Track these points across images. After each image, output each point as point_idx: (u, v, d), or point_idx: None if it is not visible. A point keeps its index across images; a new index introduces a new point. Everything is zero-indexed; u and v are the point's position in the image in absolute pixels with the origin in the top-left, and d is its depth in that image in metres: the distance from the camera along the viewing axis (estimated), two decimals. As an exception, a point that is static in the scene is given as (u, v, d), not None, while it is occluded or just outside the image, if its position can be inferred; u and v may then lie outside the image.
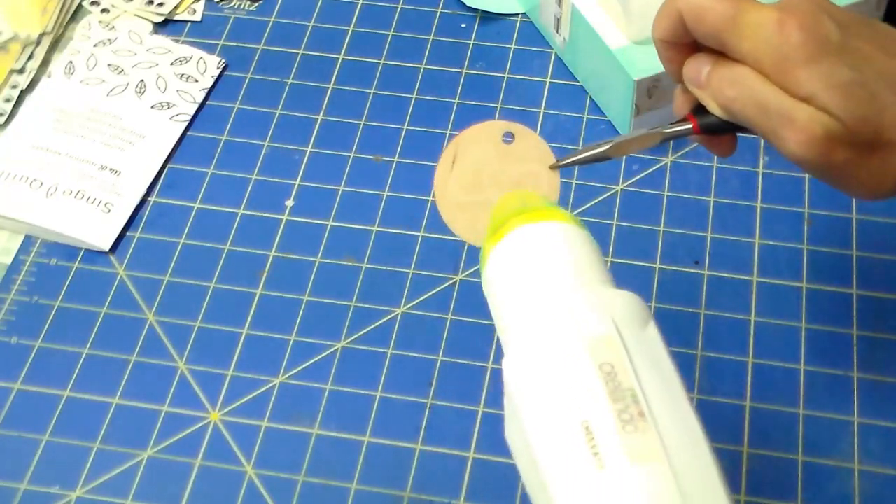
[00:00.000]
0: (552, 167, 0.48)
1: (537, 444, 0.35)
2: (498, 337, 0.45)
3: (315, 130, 0.70)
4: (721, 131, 0.46)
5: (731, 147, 0.48)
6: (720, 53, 0.44)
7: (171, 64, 0.73)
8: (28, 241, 0.66)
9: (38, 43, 0.75)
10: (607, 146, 0.47)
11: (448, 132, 0.69)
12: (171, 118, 0.70)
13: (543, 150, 0.48)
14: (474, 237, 0.47)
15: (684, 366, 0.59)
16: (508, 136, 0.48)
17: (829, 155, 0.42)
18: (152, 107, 0.71)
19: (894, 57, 0.43)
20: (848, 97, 0.41)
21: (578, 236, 0.41)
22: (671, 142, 0.48)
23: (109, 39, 0.74)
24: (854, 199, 0.65)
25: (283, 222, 0.66)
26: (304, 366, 0.60)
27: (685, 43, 0.45)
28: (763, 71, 0.42)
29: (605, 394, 0.34)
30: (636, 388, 0.34)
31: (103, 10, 0.76)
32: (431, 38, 0.74)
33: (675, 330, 0.60)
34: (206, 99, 0.72)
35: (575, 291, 0.39)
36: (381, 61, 0.73)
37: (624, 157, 0.67)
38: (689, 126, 0.46)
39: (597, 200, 0.66)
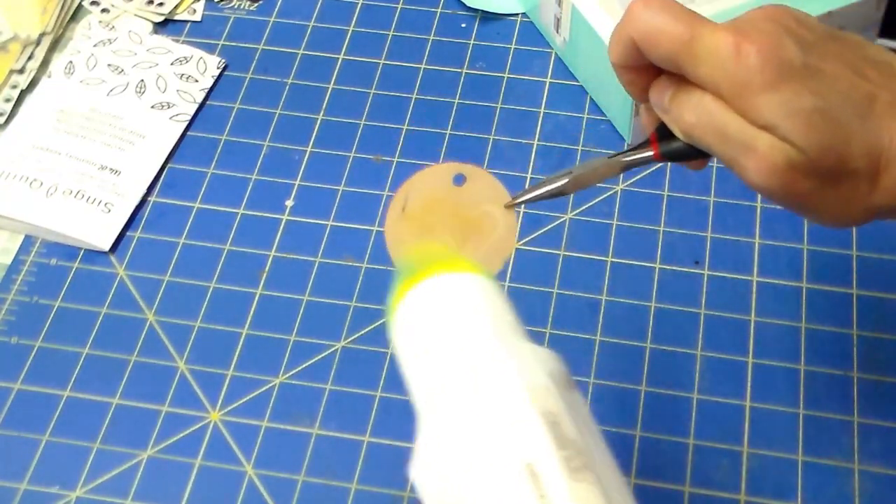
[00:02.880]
0: (507, 206, 0.46)
1: (478, 485, 0.33)
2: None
3: (315, 130, 0.70)
4: (683, 158, 0.44)
5: (703, 164, 0.46)
6: (683, 76, 0.42)
7: (171, 64, 0.73)
8: (28, 241, 0.66)
9: (38, 43, 0.75)
10: (564, 181, 0.45)
11: (448, 132, 0.69)
12: (171, 118, 0.70)
13: (497, 189, 0.46)
14: None
15: (684, 366, 0.59)
16: (460, 179, 0.46)
17: (791, 185, 0.40)
18: (152, 107, 0.71)
19: (863, 76, 0.40)
20: (810, 126, 0.39)
21: (500, 291, 0.40)
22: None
23: (109, 39, 0.74)
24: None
25: (283, 222, 0.66)
26: (304, 366, 0.60)
27: (645, 65, 0.43)
28: (722, 97, 0.40)
29: (550, 439, 0.33)
30: (579, 440, 0.33)
31: (103, 10, 0.76)
32: (431, 38, 0.74)
33: (675, 330, 0.60)
34: (206, 99, 0.72)
35: (512, 343, 0.38)
36: (381, 61, 0.73)
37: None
38: (650, 153, 0.45)
39: (597, 200, 0.66)
